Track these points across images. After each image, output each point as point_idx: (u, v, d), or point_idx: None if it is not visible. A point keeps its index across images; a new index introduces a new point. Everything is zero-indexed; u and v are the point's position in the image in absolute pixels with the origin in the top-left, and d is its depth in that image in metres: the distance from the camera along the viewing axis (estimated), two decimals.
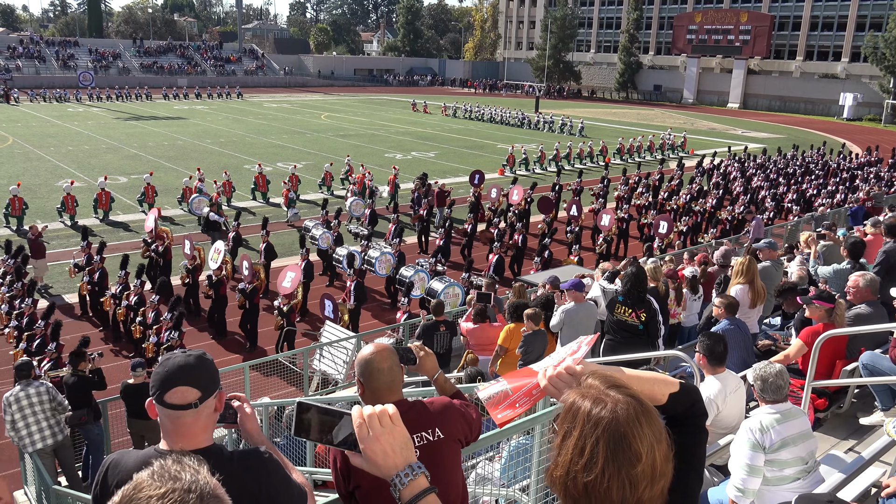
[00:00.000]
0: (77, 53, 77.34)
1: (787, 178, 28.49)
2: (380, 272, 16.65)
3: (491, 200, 22.72)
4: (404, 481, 1.60)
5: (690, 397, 1.93)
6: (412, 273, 15.42)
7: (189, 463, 1.37)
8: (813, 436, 4.21)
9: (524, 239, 18.86)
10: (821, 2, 70.97)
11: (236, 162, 32.76)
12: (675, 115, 64.63)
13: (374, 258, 16.73)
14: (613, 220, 19.39)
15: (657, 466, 1.50)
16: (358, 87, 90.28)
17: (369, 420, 1.63)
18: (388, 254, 16.82)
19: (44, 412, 8.31)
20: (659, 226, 18.98)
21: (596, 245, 19.63)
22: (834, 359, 6.12)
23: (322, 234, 18.37)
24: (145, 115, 51.85)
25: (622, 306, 7.45)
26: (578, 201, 21.00)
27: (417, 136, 44.43)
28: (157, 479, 1.31)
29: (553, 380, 1.82)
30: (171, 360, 2.18)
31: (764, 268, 9.14)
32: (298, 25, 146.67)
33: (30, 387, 8.28)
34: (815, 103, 70.93)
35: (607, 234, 19.29)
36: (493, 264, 16.66)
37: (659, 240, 18.62)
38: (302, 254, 16.14)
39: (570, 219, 20.46)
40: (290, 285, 13.53)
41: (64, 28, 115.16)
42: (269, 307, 15.09)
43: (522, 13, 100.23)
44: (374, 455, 1.61)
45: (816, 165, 31.87)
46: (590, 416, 1.50)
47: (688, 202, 22.86)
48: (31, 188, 25.50)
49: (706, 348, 5.06)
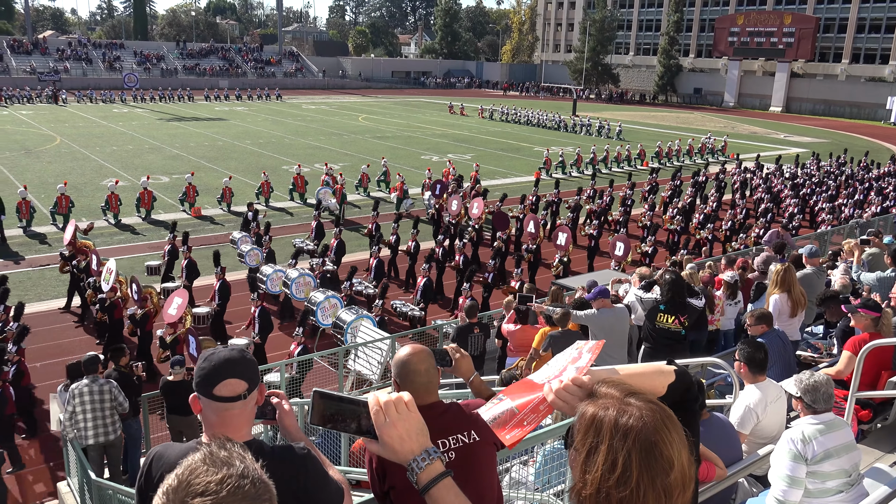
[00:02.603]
0: (122, 55, 79.22)
1: (796, 189, 26.72)
2: (297, 296, 14.77)
3: (452, 213, 20.85)
4: (421, 465, 1.63)
5: (685, 383, 1.86)
6: (322, 298, 13.56)
7: (236, 449, 1.38)
8: (857, 448, 4.10)
9: (466, 259, 16.63)
10: (868, 3, 69.27)
11: (275, 163, 33.19)
12: (715, 119, 63.66)
13: (292, 279, 14.83)
14: (570, 238, 17.58)
15: (685, 471, 1.45)
16: (395, 90, 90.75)
17: (386, 407, 1.66)
18: (308, 275, 15.05)
19: (103, 409, 8.54)
20: (615, 247, 17.00)
21: (552, 266, 17.56)
22: (879, 369, 5.96)
23: (250, 250, 16.63)
24: (187, 116, 52.84)
25: (664, 314, 7.34)
26: (536, 217, 18.96)
27: (454, 139, 44.49)
28: (211, 465, 1.31)
29: (561, 393, 1.72)
30: (214, 354, 2.23)
31: (805, 275, 8.95)
32: (337, 28, 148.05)
33: (95, 383, 8.51)
34: (860, 107, 69.26)
35: (563, 254, 17.28)
36: (420, 288, 14.85)
37: (616, 263, 16.79)
38: (217, 272, 14.47)
39: (531, 236, 18.36)
40: (176, 312, 11.64)
41: (110, 31, 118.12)
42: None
43: (561, 15, 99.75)
44: (391, 440, 1.64)
45: (829, 176, 30.22)
46: (617, 427, 1.44)
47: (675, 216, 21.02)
48: (77, 187, 26.16)
49: (746, 356, 4.95)
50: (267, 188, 25.28)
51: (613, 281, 11.55)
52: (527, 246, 17.72)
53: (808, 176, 29.62)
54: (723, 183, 27.69)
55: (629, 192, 24.09)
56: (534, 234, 18.30)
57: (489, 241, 20.16)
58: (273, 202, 25.42)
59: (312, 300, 13.73)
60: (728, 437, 4.50)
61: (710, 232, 20.20)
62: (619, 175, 30.98)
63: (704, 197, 24.32)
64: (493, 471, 2.91)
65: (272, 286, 15.33)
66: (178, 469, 1.32)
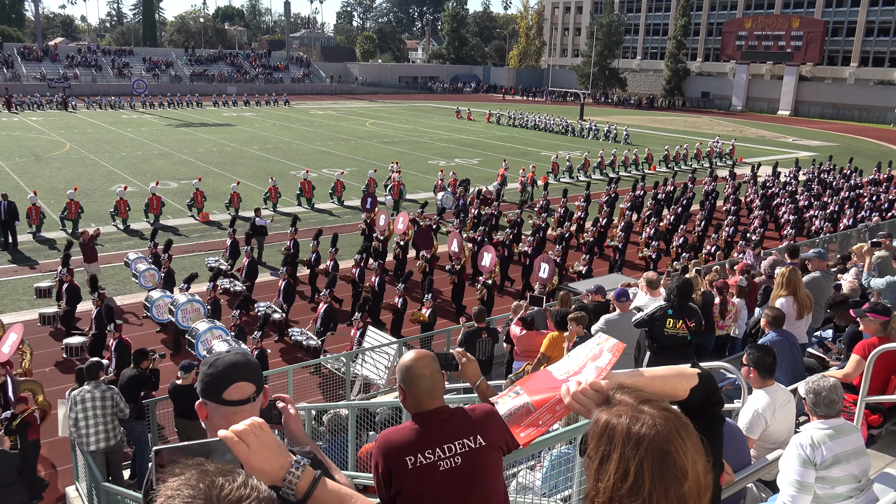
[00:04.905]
0: (132, 62, 79.75)
1: (766, 200, 24.82)
2: (182, 324, 13.12)
3: (379, 228, 19.49)
4: (297, 475, 1.67)
5: (709, 387, 1.85)
6: (206, 328, 12.12)
7: (240, 471, 1.39)
8: (866, 453, 4.07)
9: (381, 282, 15.06)
10: (877, 6, 68.97)
11: (282, 168, 33.29)
12: (723, 123, 63.49)
13: (179, 305, 13.22)
14: (495, 260, 16.10)
15: (701, 480, 1.43)
16: (403, 95, 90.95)
17: (244, 436, 1.66)
18: (197, 301, 13.37)
19: (104, 416, 8.57)
20: (539, 268, 15.18)
21: (477, 290, 15.84)
22: (889, 374, 5.92)
23: (146, 270, 15.19)
24: (195, 121, 53.08)
25: (672, 319, 7.31)
26: (459, 234, 17.37)
27: (461, 143, 44.52)
28: (230, 482, 1.31)
29: (578, 396, 1.70)
30: (219, 359, 2.23)
31: (813, 278, 8.90)
32: (345, 33, 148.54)
33: (97, 389, 8.54)
34: (869, 110, 68.92)
35: (488, 275, 15.69)
36: (321, 315, 13.32)
37: (540, 285, 14.88)
38: (93, 299, 13.05)
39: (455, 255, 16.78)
40: (9, 350, 9.66)
41: (120, 37, 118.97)
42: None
43: (568, 20, 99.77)
44: (260, 464, 1.64)
45: (806, 185, 28.17)
46: (629, 436, 1.43)
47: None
48: (86, 192, 26.30)
49: (754, 360, 4.93)
50: (275, 193, 25.35)
51: (623, 285, 11.52)
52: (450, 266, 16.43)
53: (781, 185, 27.84)
54: (686, 194, 24.56)
55: (583, 203, 22.72)
56: (457, 253, 16.66)
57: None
58: (281, 207, 25.50)
59: (193, 332, 12.23)
60: (737, 441, 4.47)
61: (654, 250, 18.37)
62: (624, 179, 30.93)
63: (658, 210, 22.71)
64: (499, 475, 2.90)
65: (158, 314, 13.73)
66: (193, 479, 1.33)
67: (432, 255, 17.50)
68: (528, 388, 2.11)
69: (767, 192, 26.63)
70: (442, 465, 2.70)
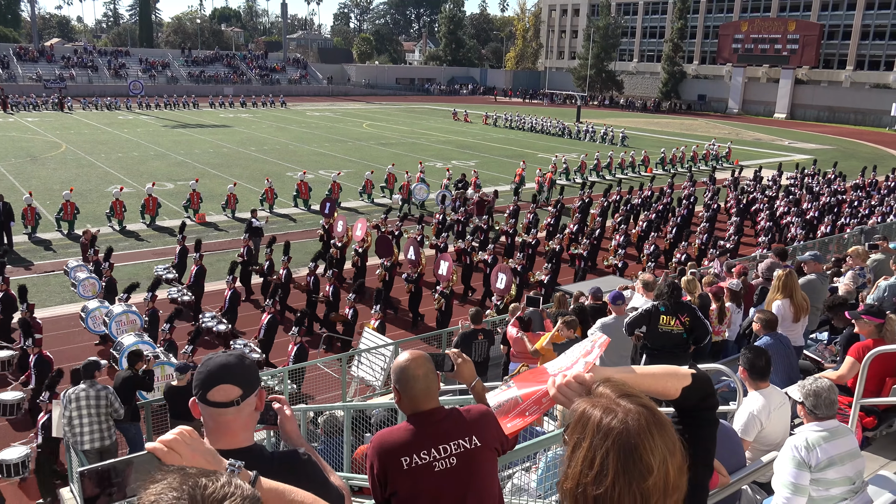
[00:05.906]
0: (128, 63, 79.61)
1: (743, 206, 24.23)
2: (115, 336, 12.30)
3: (337, 234, 19.03)
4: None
5: (703, 389, 1.87)
6: (132, 342, 11.37)
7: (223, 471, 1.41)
8: (861, 455, 4.08)
9: (336, 290, 14.64)
10: (872, 10, 69.27)
11: (279, 169, 33.27)
12: (720, 126, 63.65)
13: (114, 316, 12.60)
14: (452, 268, 15.59)
15: (670, 479, 1.46)
16: (400, 96, 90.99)
17: (174, 444, 1.66)
18: (133, 313, 12.73)
19: (98, 415, 8.53)
20: (497, 279, 14.76)
21: (434, 299, 15.45)
22: (884, 376, 5.93)
23: (86, 278, 14.57)
24: (192, 123, 53.02)
25: (665, 315, 7.32)
26: (416, 241, 16.97)
27: (458, 145, 44.54)
28: (202, 476, 1.33)
29: (562, 388, 1.75)
30: (212, 360, 2.23)
31: (809, 281, 8.91)
32: (342, 35, 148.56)
33: (92, 388, 8.51)
34: (865, 114, 69.15)
35: (446, 285, 15.27)
36: (263, 327, 12.87)
37: (497, 296, 14.66)
38: (22, 310, 12.20)
39: (410, 264, 16.48)
40: None
41: (116, 38, 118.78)
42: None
43: (565, 22, 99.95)
44: None
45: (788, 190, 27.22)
46: (600, 427, 1.46)
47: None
48: (82, 193, 26.23)
49: (747, 362, 4.95)
50: (271, 195, 25.34)
51: (620, 288, 11.53)
52: (406, 275, 16.20)
53: (761, 190, 27.35)
54: (663, 200, 24.53)
55: (554, 209, 22.50)
56: (414, 261, 16.30)
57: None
58: (277, 208, 25.48)
59: (118, 346, 11.63)
60: (731, 443, 4.47)
61: (620, 259, 18.17)
62: (624, 181, 30.96)
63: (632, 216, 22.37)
64: (494, 476, 2.91)
65: (94, 325, 13.15)
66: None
67: (392, 263, 16.99)
68: (519, 382, 2.16)
69: (748, 196, 26.28)
70: (437, 465, 2.70)
